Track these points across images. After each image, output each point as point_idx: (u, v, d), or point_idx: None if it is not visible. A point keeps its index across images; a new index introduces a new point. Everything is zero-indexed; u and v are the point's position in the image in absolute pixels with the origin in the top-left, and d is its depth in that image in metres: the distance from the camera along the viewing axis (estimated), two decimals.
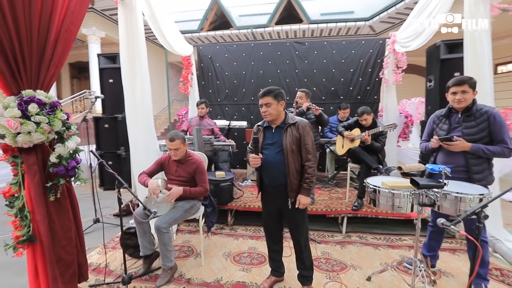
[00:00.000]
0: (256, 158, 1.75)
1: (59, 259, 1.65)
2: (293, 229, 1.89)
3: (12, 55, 1.44)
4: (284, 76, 4.93)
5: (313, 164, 1.77)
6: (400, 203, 1.63)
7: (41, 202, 1.55)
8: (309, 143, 1.77)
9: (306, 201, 1.77)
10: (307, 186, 1.76)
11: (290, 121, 1.78)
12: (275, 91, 1.76)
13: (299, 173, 1.78)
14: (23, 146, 1.49)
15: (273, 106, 1.74)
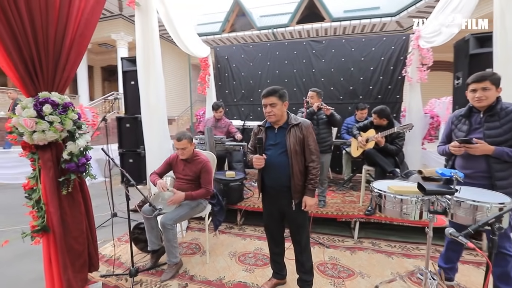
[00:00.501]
0: (259, 159, 1.73)
1: (71, 249, 1.76)
2: (295, 231, 1.86)
3: (30, 60, 1.57)
4: (301, 75, 4.85)
5: (317, 165, 1.76)
6: (407, 210, 1.52)
7: (54, 195, 1.67)
8: (312, 144, 1.75)
9: (312, 202, 1.75)
10: (312, 187, 1.74)
11: (293, 122, 1.75)
12: (280, 91, 1.74)
13: (303, 174, 1.76)
14: (39, 143, 1.62)
15: (278, 107, 1.72)
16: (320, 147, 2.82)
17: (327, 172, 3.06)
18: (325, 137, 2.92)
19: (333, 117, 2.85)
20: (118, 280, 2.09)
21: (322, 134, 2.91)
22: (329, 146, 2.95)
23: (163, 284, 2.05)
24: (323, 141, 2.90)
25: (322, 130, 2.92)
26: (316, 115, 2.94)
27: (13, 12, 1.46)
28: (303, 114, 2.84)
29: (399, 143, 2.89)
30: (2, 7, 1.43)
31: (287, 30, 10.58)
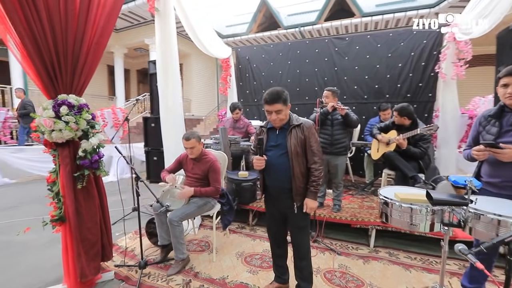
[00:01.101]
0: (260, 160, 1.70)
1: (85, 238, 1.91)
2: (295, 234, 1.80)
3: (51, 66, 1.73)
4: (322, 74, 4.69)
5: (320, 167, 1.69)
6: (414, 220, 1.38)
7: (71, 189, 1.83)
8: (314, 145, 1.69)
9: (313, 205, 1.70)
10: (314, 190, 1.69)
11: (294, 122, 1.69)
12: (283, 96, 1.64)
13: (304, 176, 1.70)
14: (58, 141, 1.78)
15: (284, 112, 1.66)
16: (334, 149, 2.71)
17: (343, 175, 2.91)
18: (340, 138, 2.78)
19: (349, 118, 2.70)
20: (129, 271, 2.21)
21: (336, 135, 2.77)
22: (344, 148, 2.80)
23: (169, 278, 2.12)
24: (338, 143, 2.77)
25: (337, 131, 2.78)
26: (331, 116, 2.82)
27: (35, 23, 1.63)
28: (316, 114, 2.73)
29: (423, 145, 2.65)
30: (26, 18, 1.59)
31: (314, 28, 10.30)
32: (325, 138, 2.82)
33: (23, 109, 5.87)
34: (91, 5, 1.87)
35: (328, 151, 2.81)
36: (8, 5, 1.52)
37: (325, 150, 2.82)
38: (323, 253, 2.51)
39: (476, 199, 1.22)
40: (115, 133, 3.90)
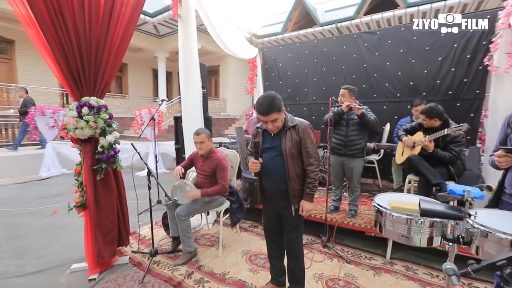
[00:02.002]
0: (255, 163, 1.66)
1: (102, 224, 2.15)
2: (288, 232, 1.77)
3: (76, 71, 1.98)
4: (350, 72, 4.43)
5: (316, 168, 1.67)
6: (408, 232, 1.24)
7: (91, 180, 2.07)
8: (310, 146, 1.65)
9: (309, 207, 1.68)
10: (310, 192, 1.66)
11: (289, 124, 1.65)
12: (277, 104, 1.56)
13: (300, 178, 1.68)
14: (81, 137, 2.04)
15: (279, 119, 1.62)
16: (349, 151, 2.57)
17: (359, 179, 2.72)
18: (355, 139, 2.61)
19: (365, 118, 2.52)
20: (142, 258, 2.41)
21: (351, 137, 2.61)
22: (360, 150, 2.62)
23: (175, 267, 2.26)
24: (353, 144, 2.61)
25: (352, 132, 2.62)
26: (346, 115, 2.66)
27: (63, 33, 1.88)
28: (329, 114, 2.61)
29: (455, 149, 2.34)
30: (56, 30, 1.85)
31: (352, 23, 9.75)
32: (338, 139, 2.68)
33: (24, 107, 5.95)
34: (112, 16, 2.10)
35: (342, 153, 2.66)
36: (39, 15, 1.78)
37: (339, 152, 2.68)
38: (331, 259, 2.39)
39: (476, 212, 1.05)
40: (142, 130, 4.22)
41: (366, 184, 4.25)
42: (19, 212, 3.51)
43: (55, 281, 2.07)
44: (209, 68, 13.62)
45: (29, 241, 2.72)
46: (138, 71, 12.69)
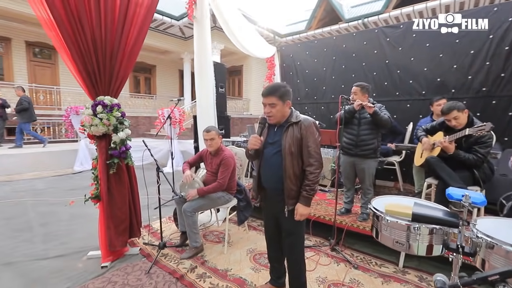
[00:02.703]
0: (256, 138, 1.60)
1: (115, 215, 2.29)
2: (285, 239, 1.72)
3: (92, 72, 2.14)
4: (370, 69, 4.21)
5: (316, 170, 1.57)
6: (402, 238, 1.15)
7: (104, 173, 2.22)
8: (312, 146, 1.56)
9: (304, 211, 1.58)
10: (306, 194, 1.57)
11: (292, 120, 1.59)
12: (281, 90, 1.57)
13: (298, 179, 1.60)
14: (96, 134, 2.19)
15: (278, 107, 1.56)
16: (360, 151, 2.46)
17: (371, 181, 2.58)
18: (367, 139, 2.47)
19: (377, 116, 2.38)
20: (152, 250, 2.52)
21: (363, 136, 2.49)
22: (372, 150, 2.48)
23: (180, 261, 2.33)
24: (364, 144, 2.48)
25: (364, 132, 2.49)
26: (358, 114, 2.54)
27: (81, 37, 2.03)
28: (339, 112, 2.51)
29: (480, 151, 2.13)
30: (74, 34, 2.01)
31: (380, 18, 9.27)
32: (349, 138, 2.56)
33: (19, 105, 6.13)
34: (127, 17, 2.23)
35: (353, 153, 2.54)
36: (58, 19, 1.94)
37: (350, 152, 2.57)
38: (337, 263, 2.30)
39: (476, 220, 0.94)
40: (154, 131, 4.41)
41: (386, 187, 4.02)
42: (52, 202, 3.87)
43: (73, 266, 2.25)
44: (232, 68, 13.92)
45: (57, 228, 2.99)
46: (165, 72, 13.28)
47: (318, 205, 3.14)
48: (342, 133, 2.56)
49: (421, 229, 1.11)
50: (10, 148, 6.22)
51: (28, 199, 3.97)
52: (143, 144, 2.55)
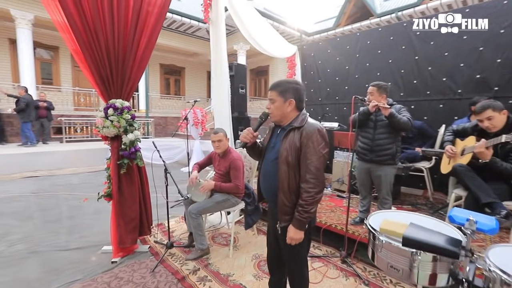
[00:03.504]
0: (249, 132, 1.44)
1: (125, 213, 2.39)
2: (286, 260, 1.54)
3: (105, 77, 2.24)
4: (398, 66, 3.88)
5: (312, 189, 1.29)
6: (397, 263, 1.00)
7: (116, 173, 2.32)
8: (311, 158, 1.29)
9: (295, 236, 1.33)
10: (298, 216, 1.31)
11: (295, 124, 1.37)
12: (284, 86, 1.39)
13: (294, 194, 1.35)
14: (108, 135, 2.30)
15: (276, 104, 1.39)
16: (375, 156, 2.27)
17: (389, 189, 2.35)
18: (384, 144, 2.26)
19: (394, 119, 2.15)
20: (161, 248, 2.59)
21: (379, 140, 2.28)
22: (389, 156, 2.25)
23: (185, 261, 2.35)
24: (381, 149, 2.27)
25: (380, 135, 2.28)
26: (374, 116, 2.33)
27: (95, 45, 2.15)
28: (352, 115, 2.33)
29: None
30: (90, 44, 2.13)
31: (416, 10, 8.55)
32: (364, 142, 2.36)
33: (19, 105, 6.46)
34: (138, 25, 2.31)
35: (368, 158, 2.34)
36: (75, 30, 2.07)
37: (365, 157, 2.37)
38: (346, 277, 2.14)
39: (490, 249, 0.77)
40: (174, 129, 4.54)
41: (413, 195, 3.67)
42: (82, 196, 4.19)
43: (88, 258, 2.40)
44: (259, 68, 13.92)
45: (81, 221, 3.23)
46: (194, 74, 13.74)
47: (332, 212, 2.96)
48: (357, 137, 2.37)
49: (420, 254, 0.95)
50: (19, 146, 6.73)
51: (63, 193, 4.36)
52: (166, 143, 2.62)
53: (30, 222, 3.20)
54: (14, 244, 2.65)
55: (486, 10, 3.14)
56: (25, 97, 6.57)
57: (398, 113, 2.23)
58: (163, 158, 2.56)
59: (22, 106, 6.42)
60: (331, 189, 3.79)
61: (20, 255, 2.44)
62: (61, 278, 2.11)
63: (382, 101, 2.30)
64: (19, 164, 5.75)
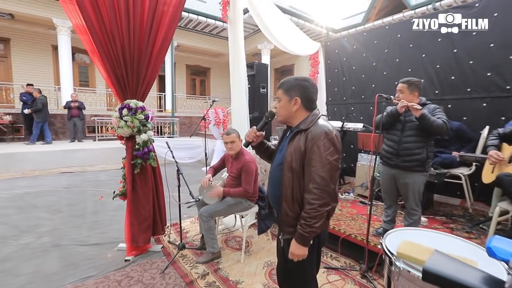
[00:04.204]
0: (251, 131, 1.37)
1: (138, 213, 2.41)
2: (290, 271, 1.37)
3: (121, 77, 2.27)
4: (433, 61, 3.50)
5: (316, 201, 1.12)
6: None
7: (130, 173, 2.35)
8: (316, 166, 1.13)
9: (296, 251, 1.18)
10: (301, 230, 1.15)
11: (301, 126, 1.22)
12: (289, 83, 1.26)
13: (298, 204, 1.20)
14: (123, 135, 2.33)
15: (281, 103, 1.27)
16: (401, 162, 2.04)
17: (418, 199, 2.08)
18: (412, 148, 2.01)
19: (425, 121, 1.89)
20: (174, 249, 2.58)
21: (406, 144, 2.03)
22: (418, 162, 1.99)
23: (195, 264, 2.31)
24: (408, 154, 2.02)
25: (408, 138, 2.03)
26: (403, 117, 2.09)
27: (112, 47, 2.18)
28: (375, 115, 2.10)
29: None
30: (107, 46, 2.17)
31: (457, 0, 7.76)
32: (390, 145, 2.13)
33: (36, 106, 6.75)
34: (153, 26, 2.31)
35: (393, 164, 2.10)
36: (92, 31, 2.12)
37: (389, 162, 2.14)
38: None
39: None
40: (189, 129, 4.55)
41: (449, 205, 3.28)
42: (107, 193, 4.39)
43: (104, 255, 2.46)
44: (283, 67, 13.71)
45: (102, 217, 3.35)
46: (219, 74, 13.91)
47: (352, 220, 2.74)
48: (379, 140, 2.14)
49: None
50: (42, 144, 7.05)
51: (90, 188, 4.61)
52: (189, 142, 2.62)
53: (58, 215, 3.40)
54: (42, 236, 2.81)
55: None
56: (41, 98, 6.86)
57: (431, 115, 1.96)
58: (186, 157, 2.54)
59: (40, 106, 6.73)
60: (354, 195, 3.54)
61: (45, 247, 2.57)
62: (77, 273, 2.17)
63: (414, 100, 2.05)
64: (57, 160, 6.22)
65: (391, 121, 2.11)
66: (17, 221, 3.17)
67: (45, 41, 9.27)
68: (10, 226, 3.03)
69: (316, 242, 1.26)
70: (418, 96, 2.11)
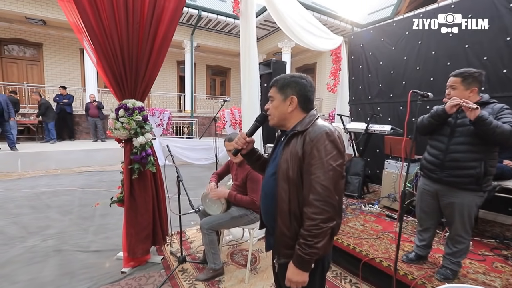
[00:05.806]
0: (242, 138, 1.17)
1: (136, 222, 2.23)
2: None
3: (119, 77, 2.11)
4: (478, 52, 2.97)
5: (317, 215, 0.92)
6: None
7: (127, 178, 2.18)
8: (316, 173, 0.93)
9: (294, 278, 0.97)
10: (299, 251, 0.95)
11: (298, 128, 1.03)
12: (284, 80, 1.08)
13: (297, 220, 1.00)
14: (120, 138, 2.17)
15: (274, 103, 1.09)
16: (446, 175, 1.66)
17: (468, 224, 1.64)
18: (463, 159, 1.59)
19: (484, 126, 1.45)
20: (174, 261, 2.37)
21: (455, 154, 1.62)
22: (473, 179, 1.56)
23: (194, 282, 2.08)
24: (457, 167, 1.61)
25: (459, 147, 1.62)
26: (453, 118, 1.68)
27: (112, 51, 2.02)
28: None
29: None
30: (104, 45, 2.01)
31: None
32: (433, 154, 1.72)
33: (39, 109, 7.06)
34: (153, 22, 2.12)
35: (436, 177, 1.69)
36: (88, 27, 1.97)
37: (431, 175, 1.73)
38: None
39: None
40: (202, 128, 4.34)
41: (498, 223, 2.75)
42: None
43: (102, 263, 2.32)
44: (305, 66, 13.25)
45: (109, 221, 3.26)
46: (240, 74, 13.81)
47: (377, 239, 2.34)
48: (413, 146, 1.75)
49: None
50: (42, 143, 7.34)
51: (104, 189, 4.61)
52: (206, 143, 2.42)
53: (68, 217, 3.37)
54: (47, 239, 2.76)
55: None
56: (43, 101, 7.13)
57: (496, 118, 1.53)
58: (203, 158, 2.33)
59: (43, 110, 7.05)
60: (379, 207, 3.11)
61: (47, 252, 2.50)
62: (71, 284, 2.05)
63: (472, 97, 1.62)
64: (79, 159, 6.41)
65: (436, 123, 1.70)
66: (28, 222, 3.18)
67: (73, 45, 9.72)
68: (19, 227, 3.03)
69: (320, 266, 1.04)
70: (478, 92, 1.68)
